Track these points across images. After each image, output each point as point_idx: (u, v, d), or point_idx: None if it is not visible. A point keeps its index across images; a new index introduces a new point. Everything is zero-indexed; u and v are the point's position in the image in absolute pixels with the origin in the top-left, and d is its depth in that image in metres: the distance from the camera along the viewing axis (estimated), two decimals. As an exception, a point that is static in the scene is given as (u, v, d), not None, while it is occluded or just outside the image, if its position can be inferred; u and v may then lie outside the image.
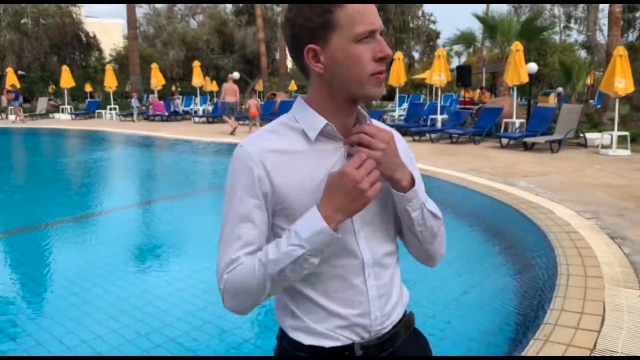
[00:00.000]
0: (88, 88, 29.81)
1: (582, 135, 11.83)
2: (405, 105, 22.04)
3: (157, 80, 22.94)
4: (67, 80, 24.25)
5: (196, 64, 22.04)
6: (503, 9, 30.63)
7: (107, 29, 43.71)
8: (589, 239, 4.92)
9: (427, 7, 47.69)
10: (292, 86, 33.39)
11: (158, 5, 41.29)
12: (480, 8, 28.78)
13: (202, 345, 3.45)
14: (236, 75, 27.53)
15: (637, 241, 4.88)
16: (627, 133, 10.92)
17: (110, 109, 23.52)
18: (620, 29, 15.15)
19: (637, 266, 4.24)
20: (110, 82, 23.72)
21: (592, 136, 11.66)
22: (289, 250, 1.08)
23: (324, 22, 1.10)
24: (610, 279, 3.97)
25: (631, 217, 5.69)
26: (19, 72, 28.54)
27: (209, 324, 3.72)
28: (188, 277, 4.77)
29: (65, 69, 24.58)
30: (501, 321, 3.75)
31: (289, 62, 35.12)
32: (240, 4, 32.83)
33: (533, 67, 13.57)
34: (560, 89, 21.96)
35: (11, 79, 23.23)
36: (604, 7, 18.03)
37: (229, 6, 35.29)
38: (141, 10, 35.82)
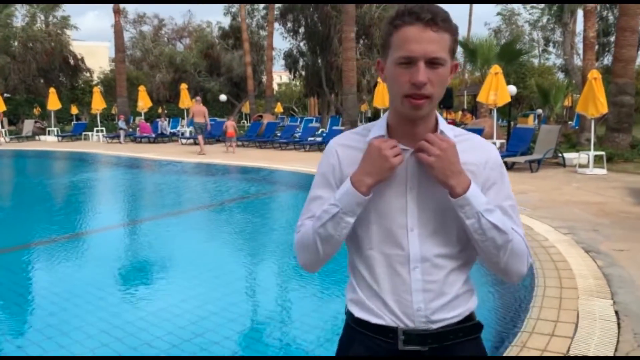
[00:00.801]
0: (74, 110, 29.82)
1: (560, 155, 12.18)
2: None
3: (144, 102, 23.07)
4: (54, 102, 24.30)
5: (184, 86, 22.27)
6: (483, 33, 31.46)
7: (94, 52, 43.87)
8: (565, 253, 5.14)
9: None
10: (279, 108, 33.69)
11: (144, 29, 41.71)
12: (461, 33, 29.46)
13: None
14: (223, 97, 27.83)
15: (610, 254, 5.10)
16: (603, 153, 11.28)
17: (97, 131, 23.56)
18: (595, 53, 15.71)
19: (610, 278, 4.44)
20: (98, 104, 23.82)
21: (570, 156, 12.00)
22: (327, 209, 1.33)
23: (385, 42, 1.29)
24: (584, 289, 4.17)
25: (605, 232, 5.93)
26: (5, 94, 28.48)
27: (200, 337, 3.83)
28: (179, 293, 4.84)
29: (52, 92, 24.64)
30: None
31: (275, 85, 35.50)
32: (227, 27, 33.23)
33: (512, 89, 13.99)
34: (539, 111, 22.53)
35: (-3, 101, 23.19)
36: (581, 32, 18.66)
37: (216, 30, 35.75)
38: (127, 34, 36.13)
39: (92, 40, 47.66)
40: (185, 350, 3.63)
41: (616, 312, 3.73)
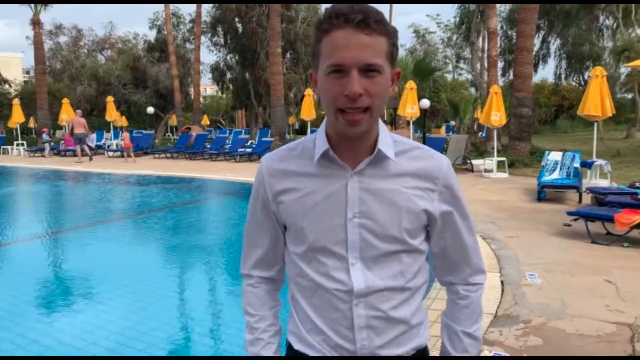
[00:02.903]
0: (-15, 124, 28.49)
1: (469, 161, 13.55)
2: (316, 138, 23.27)
3: (68, 115, 22.64)
4: (-33, 115, 23.25)
5: (110, 99, 22.08)
6: (400, 53, 33.31)
7: (6, 63, 41.89)
8: (466, 240, 6.13)
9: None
10: (205, 120, 33.81)
11: (62, 40, 40.40)
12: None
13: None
14: (150, 109, 27.67)
15: (502, 240, 6.15)
16: (505, 159, 12.71)
17: (18, 145, 22.77)
18: (497, 69, 17.38)
19: (500, 257, 5.46)
20: (18, 117, 23.04)
21: (477, 162, 13.31)
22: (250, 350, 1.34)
23: (314, 50, 1.11)
24: (478, 267, 5.13)
25: (500, 224, 7.04)
26: None
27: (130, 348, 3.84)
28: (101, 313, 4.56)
29: (-35, 104, 23.58)
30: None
31: (202, 98, 35.54)
32: (153, 41, 33.02)
33: (425, 102, 15.30)
34: (452, 122, 24.40)
35: None
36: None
37: (141, 43, 35.38)
38: (45, 45, 34.87)
39: (4, 51, 45.41)
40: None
41: (502, 282, 4.70)
